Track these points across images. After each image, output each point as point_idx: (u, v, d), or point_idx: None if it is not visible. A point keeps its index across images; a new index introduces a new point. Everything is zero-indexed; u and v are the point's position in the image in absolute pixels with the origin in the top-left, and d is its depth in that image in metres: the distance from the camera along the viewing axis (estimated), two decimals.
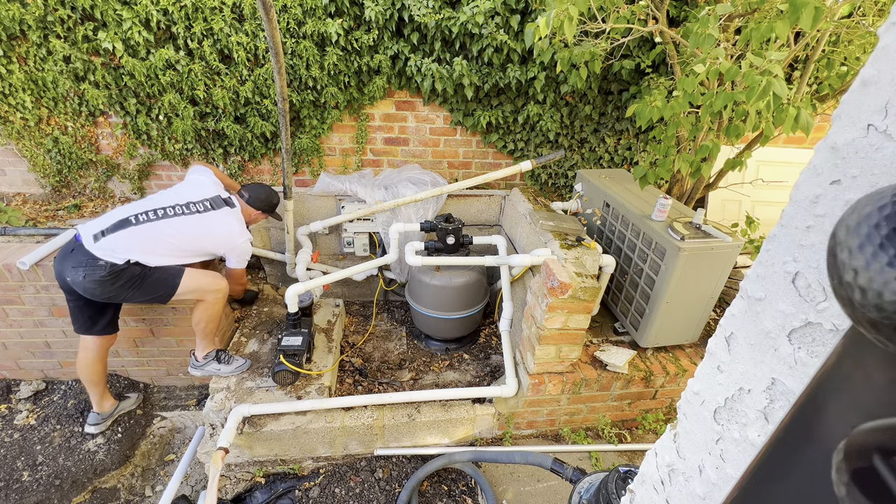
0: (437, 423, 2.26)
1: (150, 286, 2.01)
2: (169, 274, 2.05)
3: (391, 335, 3.10)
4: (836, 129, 0.40)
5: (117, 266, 1.90)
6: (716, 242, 1.99)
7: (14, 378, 2.71)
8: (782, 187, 3.18)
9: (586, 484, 1.20)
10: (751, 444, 0.51)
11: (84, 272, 1.88)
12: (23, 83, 2.78)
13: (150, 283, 2.01)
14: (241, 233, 2.24)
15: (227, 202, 2.24)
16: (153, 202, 2.07)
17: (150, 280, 2.00)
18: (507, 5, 2.62)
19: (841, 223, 0.29)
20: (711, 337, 0.57)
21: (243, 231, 2.26)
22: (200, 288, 2.13)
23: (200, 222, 2.10)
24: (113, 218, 1.98)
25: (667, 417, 2.47)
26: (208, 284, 2.16)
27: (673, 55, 2.30)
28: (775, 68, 1.61)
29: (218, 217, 2.16)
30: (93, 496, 2.33)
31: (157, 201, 2.08)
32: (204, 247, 2.16)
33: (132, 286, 1.97)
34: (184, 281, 2.07)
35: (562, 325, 2.02)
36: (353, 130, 3.20)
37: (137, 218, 1.98)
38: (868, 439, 0.28)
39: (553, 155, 2.74)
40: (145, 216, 2.00)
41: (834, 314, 0.41)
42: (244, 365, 2.31)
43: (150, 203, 2.06)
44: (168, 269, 2.05)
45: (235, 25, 2.69)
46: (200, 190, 2.20)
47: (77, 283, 1.92)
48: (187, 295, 2.11)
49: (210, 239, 2.16)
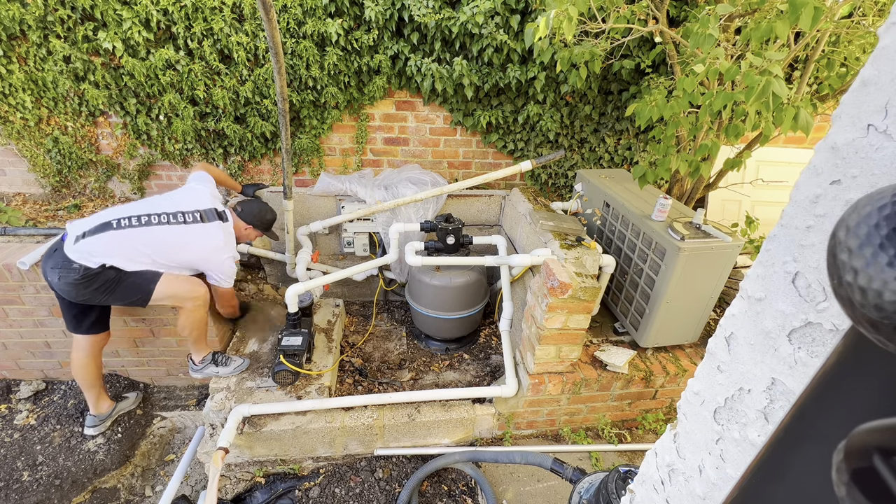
0: (437, 423, 2.26)
1: (124, 291, 1.96)
2: (144, 279, 1.98)
3: (391, 335, 3.10)
4: (836, 129, 0.40)
5: (91, 270, 1.86)
6: (716, 242, 1.99)
7: (14, 378, 2.71)
8: (782, 187, 3.18)
9: (586, 484, 1.20)
10: (751, 444, 0.51)
11: (59, 273, 1.86)
12: (23, 83, 2.79)
13: (125, 288, 1.95)
14: (225, 249, 2.12)
15: (221, 216, 2.15)
16: (140, 207, 2.01)
17: (125, 284, 1.95)
18: (507, 5, 2.62)
19: (841, 223, 0.29)
20: (711, 337, 0.57)
21: (228, 248, 2.15)
22: (177, 294, 2.05)
23: (182, 233, 2.02)
24: (96, 220, 1.94)
25: (667, 417, 2.47)
26: (185, 291, 2.07)
27: (673, 55, 2.30)
28: (775, 68, 1.61)
29: (204, 230, 2.07)
30: (93, 496, 2.33)
31: (144, 207, 2.02)
32: (181, 259, 2.07)
33: (106, 290, 1.92)
34: (159, 287, 2.00)
35: (562, 325, 2.02)
36: (353, 130, 3.21)
37: (119, 222, 1.93)
38: (868, 439, 0.28)
39: (553, 155, 2.74)
40: (127, 221, 1.94)
41: (834, 314, 0.41)
42: (243, 365, 2.31)
43: (137, 208, 2.01)
44: (144, 273, 1.98)
45: (235, 25, 2.69)
46: (194, 200, 2.12)
47: (54, 284, 1.91)
48: (164, 301, 2.05)
49: (187, 251, 2.06)
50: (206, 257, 2.10)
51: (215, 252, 2.10)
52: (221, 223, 2.14)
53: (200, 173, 2.29)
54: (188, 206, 2.08)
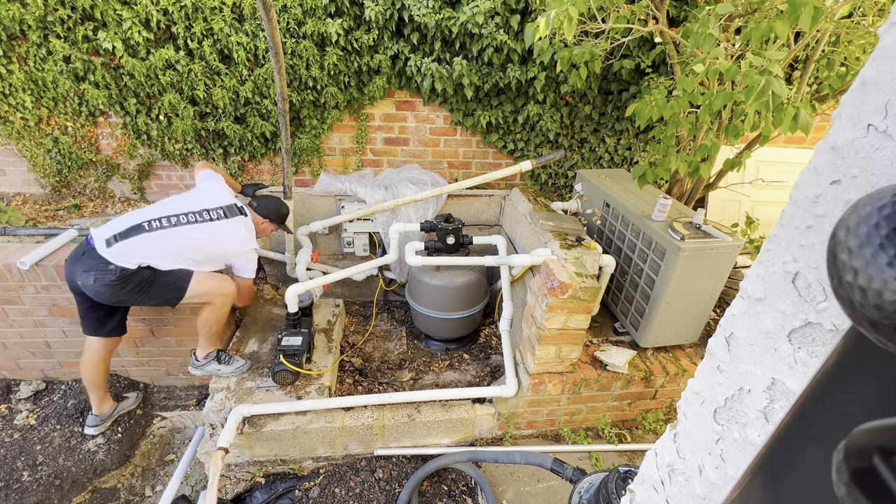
0: (437, 423, 2.26)
1: (159, 290, 2.02)
2: (178, 277, 2.05)
3: (391, 335, 3.10)
4: (836, 129, 0.40)
5: (128, 270, 1.92)
6: (716, 242, 1.99)
7: (14, 378, 2.71)
8: (782, 187, 3.18)
9: (586, 484, 1.20)
10: (751, 444, 0.51)
11: (95, 276, 1.90)
12: (23, 83, 2.79)
13: (160, 287, 2.02)
14: (249, 241, 2.24)
15: (241, 210, 2.26)
16: (167, 208, 2.08)
17: (160, 283, 2.02)
18: (507, 5, 2.62)
19: (841, 223, 0.29)
20: (711, 337, 0.57)
21: (251, 240, 2.26)
22: (209, 291, 2.13)
23: (211, 230, 2.11)
24: (126, 223, 1.99)
25: (667, 417, 2.47)
26: (216, 288, 2.16)
27: (673, 55, 2.30)
28: (775, 68, 1.61)
29: (231, 225, 2.18)
30: (93, 496, 2.33)
31: (171, 207, 2.08)
32: (213, 254, 2.16)
33: (142, 290, 1.98)
34: (192, 285, 2.07)
35: (562, 325, 2.02)
36: (353, 130, 3.20)
37: (150, 224, 1.99)
38: (868, 439, 0.28)
39: (553, 155, 2.74)
40: (158, 223, 2.01)
41: (834, 314, 0.41)
42: (244, 366, 2.31)
43: (164, 209, 2.07)
44: (177, 272, 2.05)
45: (235, 25, 2.69)
46: (216, 197, 2.21)
47: (87, 287, 1.93)
48: (196, 298, 2.11)
49: (219, 246, 2.16)
50: (235, 250, 2.21)
51: (242, 244, 2.21)
52: (243, 217, 2.24)
53: (209, 171, 2.35)
54: (212, 203, 2.17)
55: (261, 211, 2.38)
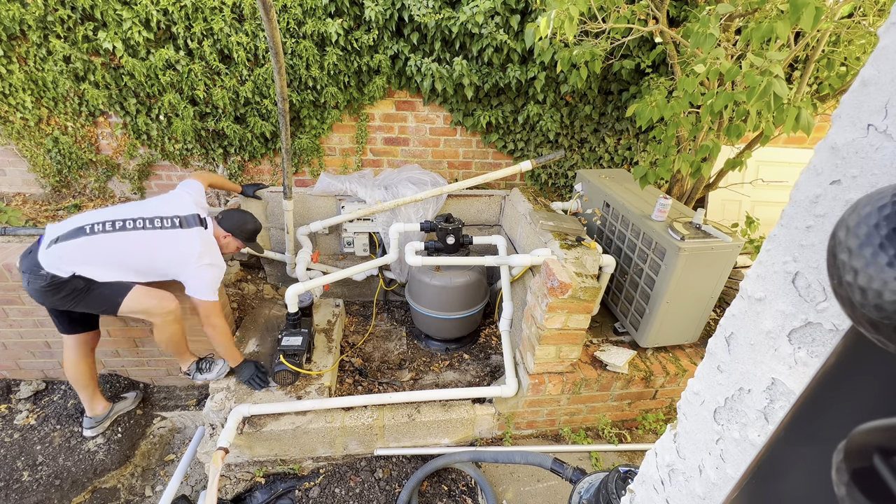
0: (437, 423, 2.26)
1: (92, 301, 1.91)
2: (112, 291, 1.92)
3: (391, 335, 3.10)
4: (836, 129, 0.40)
5: (59, 278, 1.81)
6: (716, 242, 1.99)
7: (14, 378, 2.71)
8: (782, 187, 3.18)
9: (586, 484, 1.20)
10: (751, 444, 0.51)
11: (28, 278, 1.83)
12: (23, 83, 2.79)
13: (93, 299, 1.90)
14: (203, 256, 1.99)
15: (203, 222, 2.07)
16: (116, 212, 1.94)
17: (94, 295, 1.90)
18: (507, 5, 2.62)
19: (841, 223, 0.29)
20: (711, 337, 0.57)
21: (208, 255, 2.01)
22: (146, 309, 1.98)
23: (158, 238, 1.94)
24: (71, 224, 1.88)
25: (667, 417, 2.47)
26: (154, 307, 1.99)
27: (673, 55, 2.30)
28: (776, 68, 1.61)
29: (185, 235, 1.98)
30: (93, 496, 2.33)
31: (121, 212, 1.95)
32: (154, 265, 1.97)
33: (73, 299, 1.88)
34: (127, 300, 1.93)
35: (562, 325, 2.02)
36: (353, 130, 3.21)
37: (93, 227, 1.87)
38: (868, 439, 0.28)
39: (553, 155, 2.74)
40: (101, 227, 1.87)
41: (834, 314, 0.41)
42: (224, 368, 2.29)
43: (113, 213, 1.93)
44: (113, 285, 1.92)
45: (235, 25, 2.69)
46: (175, 205, 2.04)
47: (25, 287, 1.88)
48: (132, 314, 1.99)
49: (164, 257, 1.96)
50: (180, 263, 1.98)
51: (190, 258, 1.97)
52: (202, 230, 2.04)
53: (189, 181, 2.23)
54: (168, 211, 2.00)
55: (223, 224, 2.17)
